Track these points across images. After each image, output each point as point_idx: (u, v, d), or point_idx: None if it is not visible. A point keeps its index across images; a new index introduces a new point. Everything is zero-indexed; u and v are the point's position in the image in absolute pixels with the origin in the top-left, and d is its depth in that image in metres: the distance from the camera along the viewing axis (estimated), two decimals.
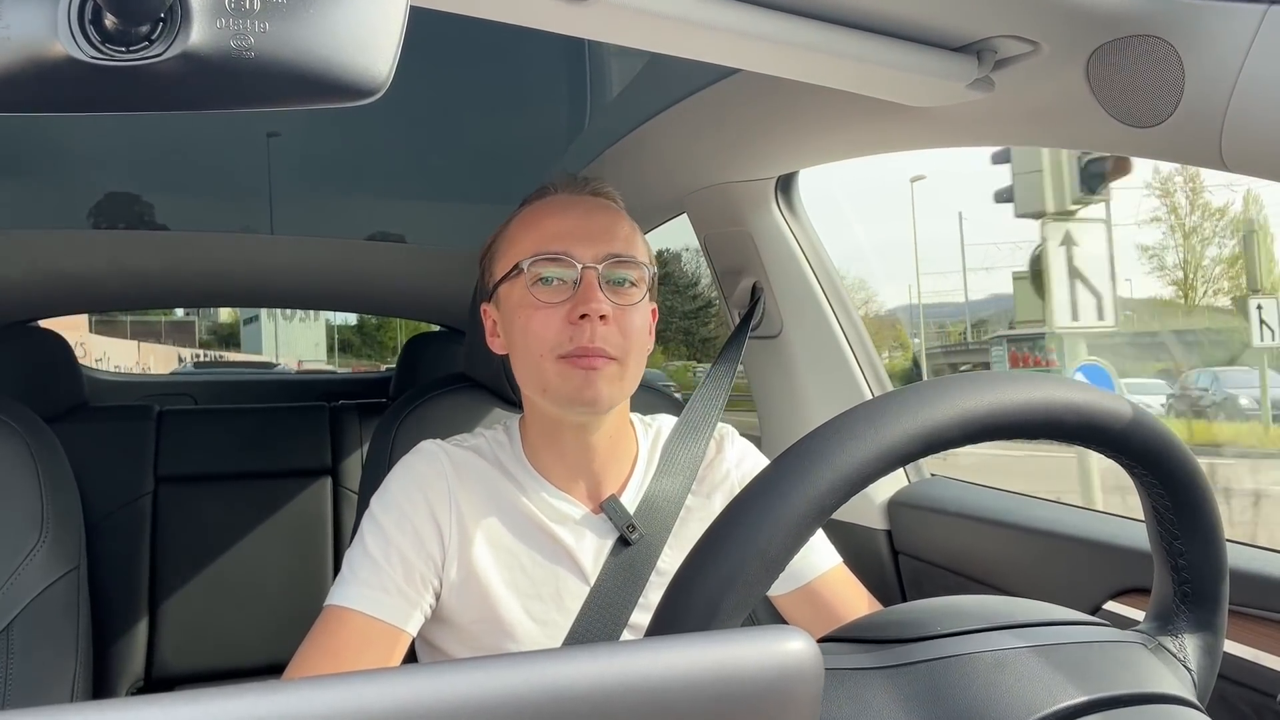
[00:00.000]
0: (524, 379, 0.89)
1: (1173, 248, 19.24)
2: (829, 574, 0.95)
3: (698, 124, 1.20)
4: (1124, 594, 0.91)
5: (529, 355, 0.85)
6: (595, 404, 0.84)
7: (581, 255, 0.84)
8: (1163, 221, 19.00)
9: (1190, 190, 17.93)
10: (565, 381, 0.83)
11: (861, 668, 0.44)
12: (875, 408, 0.44)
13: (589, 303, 0.82)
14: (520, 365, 0.88)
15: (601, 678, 0.27)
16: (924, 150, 1.02)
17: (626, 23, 0.68)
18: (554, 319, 0.83)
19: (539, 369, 0.85)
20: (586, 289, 0.83)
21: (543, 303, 0.84)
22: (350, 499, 1.81)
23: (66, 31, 0.29)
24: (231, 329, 39.77)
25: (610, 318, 0.83)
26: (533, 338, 0.84)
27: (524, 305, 0.86)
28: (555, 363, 0.83)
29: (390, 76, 0.32)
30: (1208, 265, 18.95)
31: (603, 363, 0.83)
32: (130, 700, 0.24)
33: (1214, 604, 0.53)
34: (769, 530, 0.41)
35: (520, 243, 0.88)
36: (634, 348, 0.86)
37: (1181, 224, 18.83)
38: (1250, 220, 14.33)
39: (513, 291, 0.88)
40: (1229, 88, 0.64)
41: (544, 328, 0.84)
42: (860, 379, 1.35)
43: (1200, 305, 18.56)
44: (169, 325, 35.71)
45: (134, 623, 1.64)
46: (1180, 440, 0.49)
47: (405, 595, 0.83)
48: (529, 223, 0.89)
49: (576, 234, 0.86)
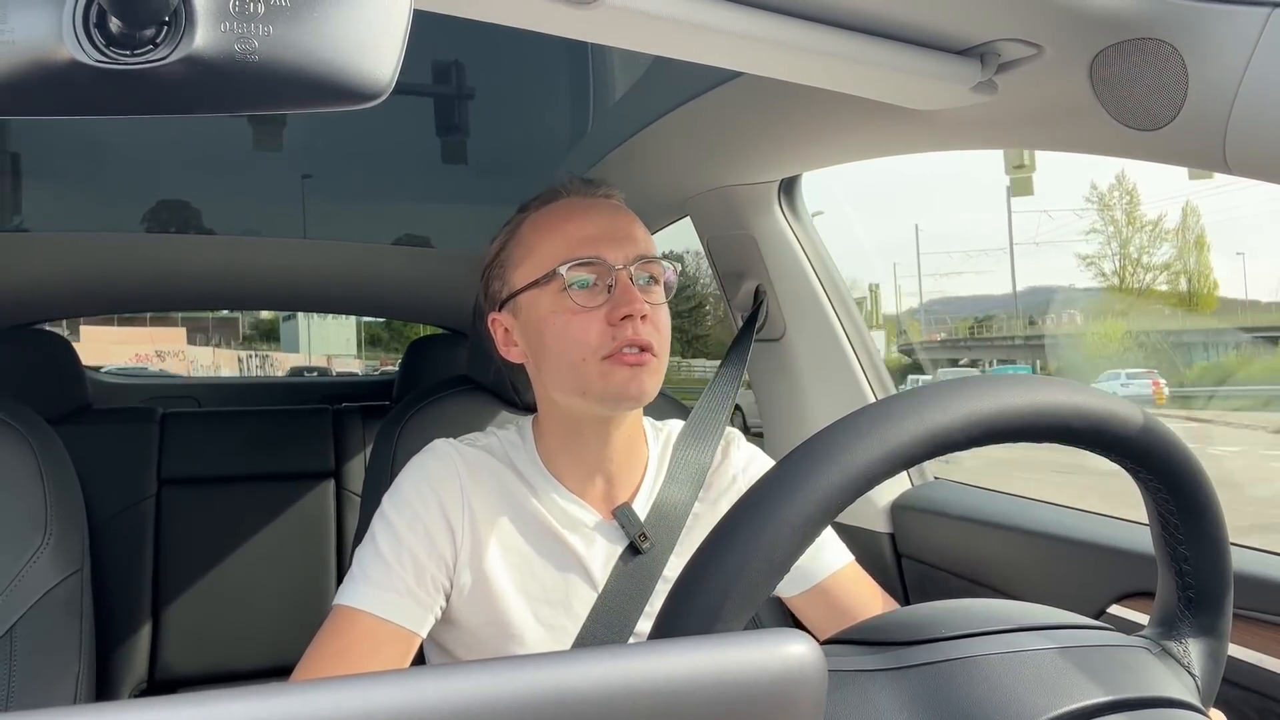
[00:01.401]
0: (557, 383, 0.88)
1: (1110, 256, 20.17)
2: (841, 572, 0.95)
3: (701, 127, 1.20)
4: (1128, 597, 0.91)
5: (567, 359, 0.85)
6: (641, 398, 0.85)
7: (614, 258, 0.85)
8: (1100, 233, 19.93)
9: (1127, 205, 18.95)
10: (609, 380, 0.83)
11: (868, 669, 0.44)
12: (880, 410, 0.44)
13: (632, 303, 0.83)
14: (554, 370, 0.87)
15: (605, 680, 0.27)
16: (924, 153, 1.02)
17: (630, 26, 0.68)
18: (594, 322, 0.84)
19: (579, 372, 0.84)
20: (625, 291, 0.84)
21: (581, 307, 0.84)
22: (353, 502, 1.81)
23: (71, 35, 0.29)
24: (271, 325, 40.53)
25: (648, 316, 0.85)
26: (573, 342, 0.84)
27: (559, 310, 0.85)
28: (599, 364, 0.83)
29: (394, 80, 0.32)
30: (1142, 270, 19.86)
31: (648, 357, 0.84)
32: (134, 703, 0.24)
33: (1218, 609, 0.53)
34: (772, 534, 0.41)
35: (544, 247, 0.88)
36: (665, 342, 0.88)
37: (1119, 233, 19.85)
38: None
39: (542, 298, 0.87)
40: (1233, 91, 0.63)
41: (584, 331, 0.84)
42: (864, 382, 1.35)
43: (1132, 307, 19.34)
44: (215, 321, 36.70)
45: (137, 625, 1.64)
46: (1186, 445, 0.49)
47: (416, 597, 0.82)
48: (549, 228, 0.89)
49: (605, 237, 0.86)
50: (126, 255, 1.83)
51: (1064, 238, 20.45)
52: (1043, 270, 31.84)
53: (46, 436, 1.17)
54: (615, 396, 0.84)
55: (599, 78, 1.72)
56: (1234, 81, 0.63)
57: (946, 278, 39.65)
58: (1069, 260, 20.08)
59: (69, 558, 1.12)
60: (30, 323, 1.91)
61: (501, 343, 0.93)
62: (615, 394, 0.84)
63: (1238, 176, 0.68)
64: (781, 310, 1.37)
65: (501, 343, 0.93)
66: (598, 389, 0.84)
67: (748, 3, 0.68)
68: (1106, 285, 20.52)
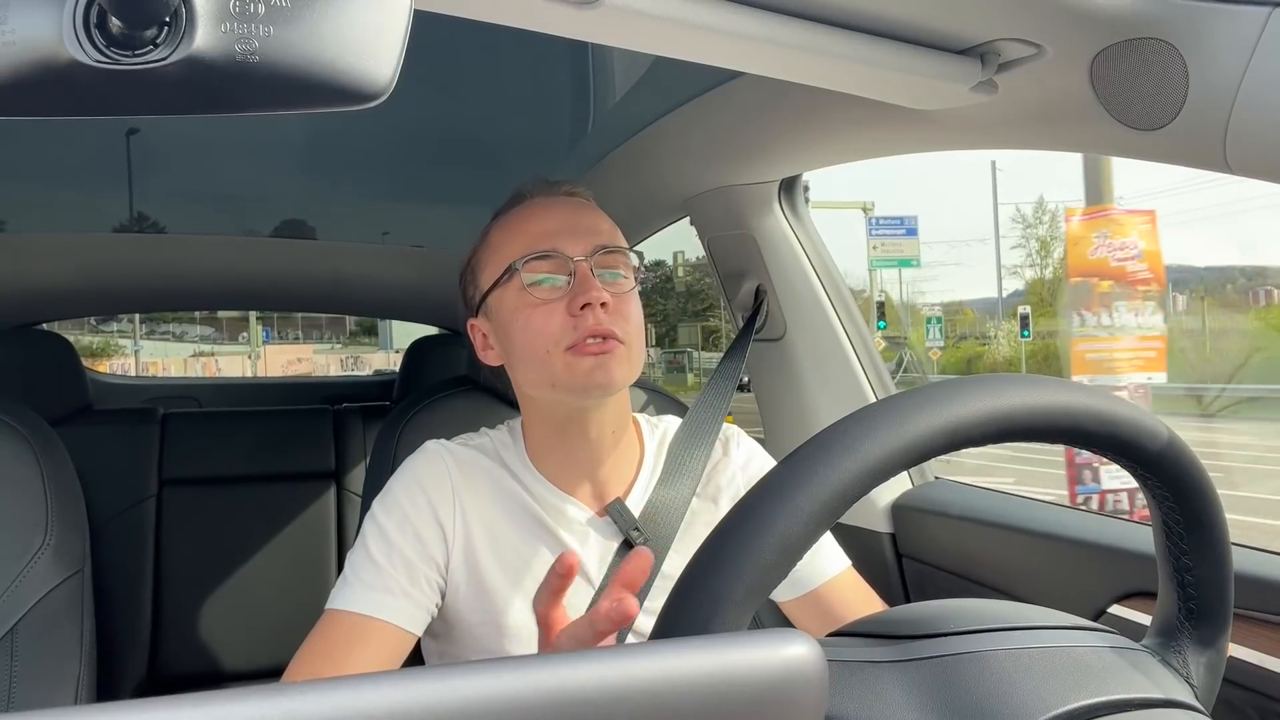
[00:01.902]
0: (529, 379, 0.88)
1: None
2: (837, 579, 0.94)
3: (701, 127, 1.20)
4: (1128, 597, 0.91)
5: (533, 353, 0.85)
6: (609, 386, 0.84)
7: (571, 250, 0.86)
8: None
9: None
10: (574, 371, 0.83)
11: (876, 661, 0.44)
12: (891, 407, 0.44)
13: (589, 291, 0.83)
14: (523, 366, 0.88)
15: (603, 682, 0.27)
16: (926, 153, 1.02)
17: (630, 26, 0.68)
18: (555, 314, 0.84)
19: (545, 364, 0.85)
20: (583, 280, 0.84)
21: (541, 300, 0.85)
22: (354, 502, 1.81)
23: (71, 35, 0.29)
24: (371, 321, 41.54)
25: (610, 305, 0.84)
26: (534, 335, 0.85)
27: (521, 306, 0.86)
28: (563, 355, 0.83)
29: (394, 80, 0.32)
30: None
31: (613, 344, 0.84)
32: (134, 703, 0.24)
33: (1218, 622, 0.53)
34: (774, 534, 0.41)
35: (506, 248, 0.88)
36: (634, 331, 0.87)
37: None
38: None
39: (505, 296, 0.88)
40: (1233, 91, 0.63)
41: (545, 323, 0.84)
42: (864, 382, 1.35)
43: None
44: (305, 320, 37.13)
45: (138, 625, 1.64)
46: (1197, 457, 0.49)
47: (409, 596, 0.82)
48: (511, 228, 0.90)
49: (563, 231, 0.87)
50: (126, 255, 1.84)
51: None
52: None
53: (47, 437, 1.17)
54: (582, 386, 0.84)
55: (599, 78, 1.72)
56: (1234, 81, 0.63)
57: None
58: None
59: (70, 558, 1.12)
60: (30, 323, 1.91)
61: (480, 347, 0.94)
62: (582, 384, 0.84)
63: (1239, 176, 0.68)
64: (782, 310, 1.37)
65: (480, 347, 0.94)
66: (564, 380, 0.84)
67: (748, 2, 0.68)
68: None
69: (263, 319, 29.89)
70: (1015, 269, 24.70)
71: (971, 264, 36.18)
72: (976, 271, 35.20)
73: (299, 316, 23.60)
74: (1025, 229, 24.31)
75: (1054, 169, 54.26)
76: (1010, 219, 23.92)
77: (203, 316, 30.93)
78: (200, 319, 32.44)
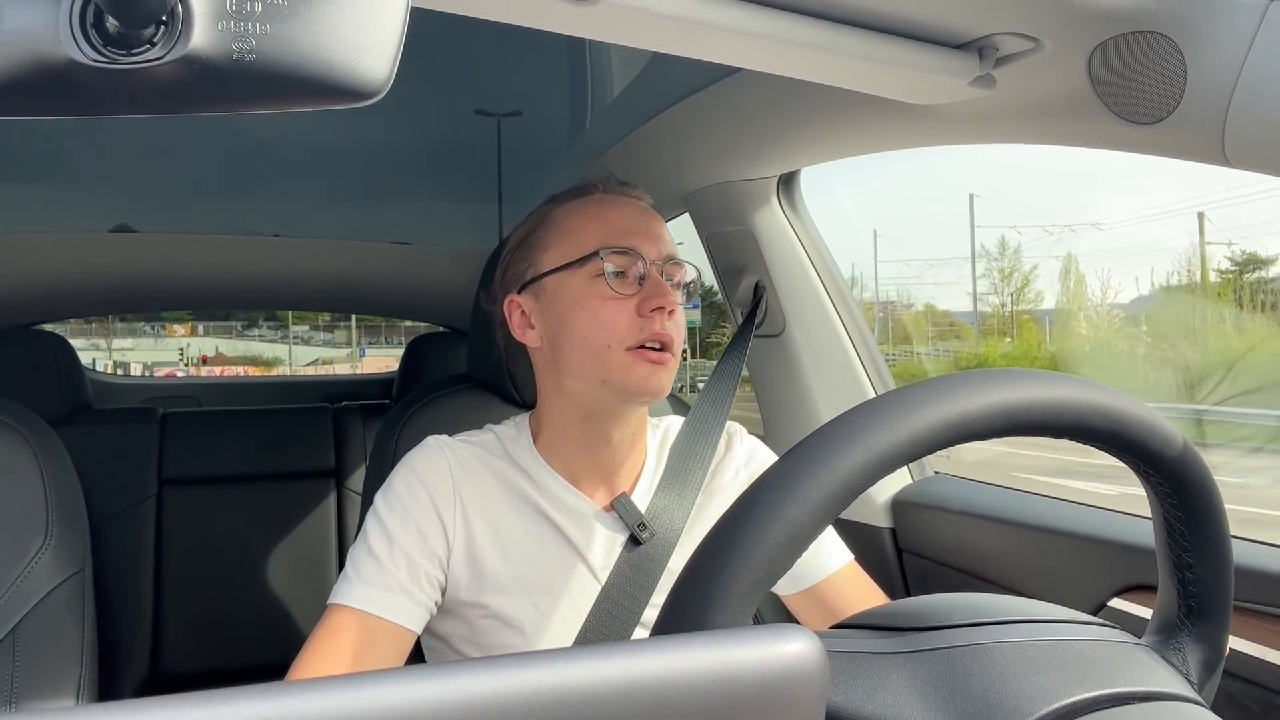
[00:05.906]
0: (576, 369, 0.87)
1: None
2: (839, 573, 0.95)
3: (699, 123, 1.20)
4: (1129, 591, 0.91)
5: (590, 345, 0.85)
6: (658, 393, 0.85)
7: (649, 252, 0.87)
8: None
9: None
10: (630, 372, 0.84)
11: (879, 652, 0.44)
12: (897, 399, 0.44)
13: (664, 295, 0.84)
14: (575, 355, 0.87)
15: (606, 677, 0.27)
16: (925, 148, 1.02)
17: (628, 23, 0.67)
18: (624, 311, 0.84)
19: (602, 360, 0.84)
20: (658, 284, 0.85)
21: (615, 294, 0.85)
22: (354, 501, 1.81)
23: (68, 34, 0.29)
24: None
25: (674, 313, 0.86)
26: (600, 328, 0.84)
27: (590, 296, 0.85)
28: (624, 354, 0.84)
29: (391, 78, 0.32)
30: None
31: (668, 355, 0.85)
32: (135, 702, 0.24)
33: (1218, 619, 0.53)
34: (780, 524, 0.40)
35: (582, 233, 0.88)
36: (681, 344, 0.89)
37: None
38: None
39: (571, 281, 0.87)
40: (1231, 83, 0.63)
41: (614, 319, 0.84)
42: (864, 377, 1.35)
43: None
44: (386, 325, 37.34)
45: (139, 624, 1.64)
46: (1200, 455, 0.49)
47: (409, 593, 0.82)
48: (589, 215, 0.90)
49: (641, 231, 0.88)
50: (126, 256, 1.84)
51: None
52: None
53: (47, 438, 1.17)
54: (634, 390, 0.84)
55: (597, 74, 1.72)
56: (1232, 74, 0.63)
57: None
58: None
59: (71, 558, 1.13)
60: (30, 323, 1.91)
61: (517, 325, 0.93)
62: (634, 388, 0.84)
63: (1237, 169, 0.68)
64: (781, 305, 1.37)
65: (517, 325, 0.93)
66: (618, 380, 0.84)
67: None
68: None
69: (362, 324, 29.16)
70: (983, 295, 26.22)
71: (951, 283, 37.96)
72: (955, 290, 36.94)
73: (381, 323, 23.37)
74: (990, 261, 25.78)
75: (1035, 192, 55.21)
76: (976, 253, 25.53)
77: (326, 321, 30.23)
78: (323, 323, 31.71)
